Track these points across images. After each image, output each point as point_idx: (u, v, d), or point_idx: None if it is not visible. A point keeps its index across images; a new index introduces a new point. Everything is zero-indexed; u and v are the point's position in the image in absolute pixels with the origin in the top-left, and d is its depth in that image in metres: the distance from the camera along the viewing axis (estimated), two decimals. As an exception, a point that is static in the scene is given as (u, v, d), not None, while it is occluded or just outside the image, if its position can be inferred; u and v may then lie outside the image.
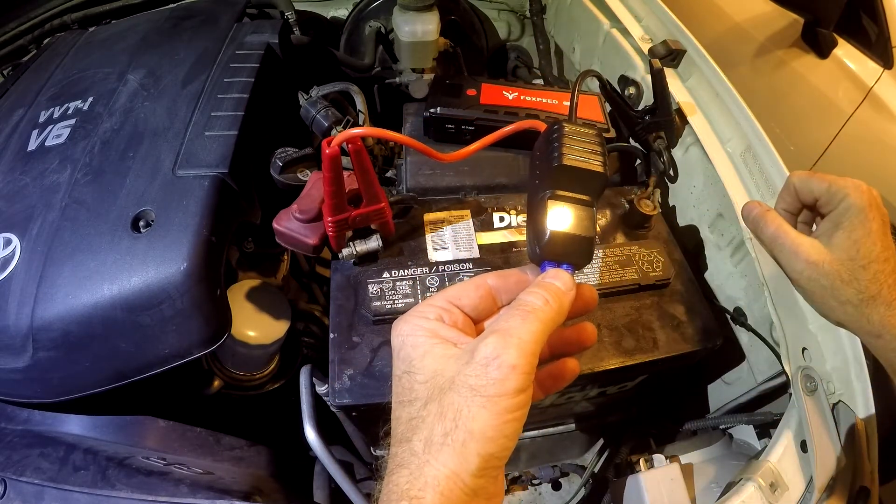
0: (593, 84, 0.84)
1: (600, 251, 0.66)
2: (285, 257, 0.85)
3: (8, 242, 0.59)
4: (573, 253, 0.36)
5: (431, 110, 0.74)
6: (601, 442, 0.94)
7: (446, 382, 0.30)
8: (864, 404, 0.55)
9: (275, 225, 0.63)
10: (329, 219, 0.57)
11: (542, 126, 0.43)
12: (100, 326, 0.55)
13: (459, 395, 0.29)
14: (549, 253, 0.36)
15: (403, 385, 0.32)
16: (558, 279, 0.34)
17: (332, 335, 0.59)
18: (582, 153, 0.37)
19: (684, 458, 0.67)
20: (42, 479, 0.55)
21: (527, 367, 0.29)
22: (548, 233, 0.36)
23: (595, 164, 0.37)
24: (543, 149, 0.39)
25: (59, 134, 0.68)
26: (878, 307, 0.41)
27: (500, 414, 0.28)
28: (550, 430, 0.85)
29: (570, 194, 0.37)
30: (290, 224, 0.62)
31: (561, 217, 0.36)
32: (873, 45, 1.50)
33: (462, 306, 0.36)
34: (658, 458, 0.65)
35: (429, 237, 0.67)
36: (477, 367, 0.29)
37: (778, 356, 0.62)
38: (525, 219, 0.70)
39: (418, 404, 0.30)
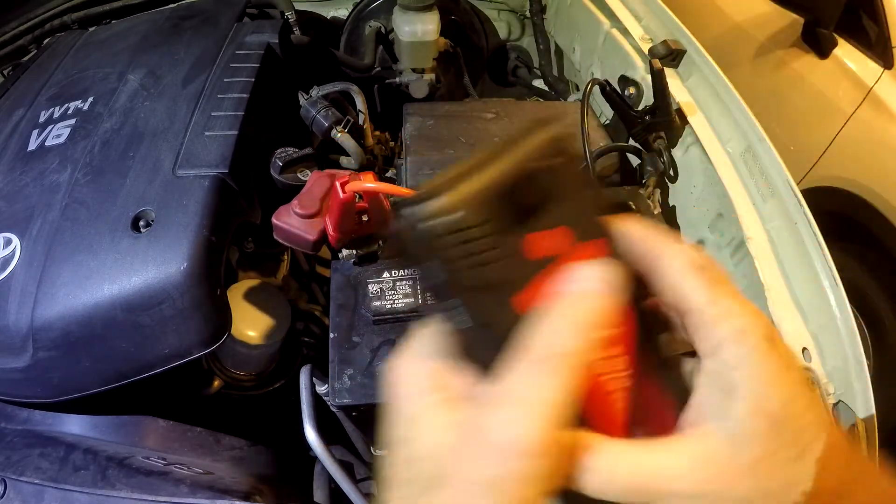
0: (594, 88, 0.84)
1: None
2: (285, 257, 0.85)
3: (8, 242, 0.59)
4: None
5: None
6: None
7: (439, 471, 0.21)
8: (864, 404, 0.55)
9: (274, 220, 0.62)
10: (333, 234, 0.59)
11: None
12: (100, 326, 0.55)
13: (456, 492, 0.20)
14: None
15: (397, 458, 0.23)
16: None
17: (332, 335, 0.59)
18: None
19: (684, 458, 0.67)
20: (42, 479, 0.55)
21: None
22: None
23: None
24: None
25: (59, 134, 0.68)
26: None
27: None
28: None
29: None
30: (289, 220, 0.62)
31: None
32: (873, 45, 1.49)
33: None
34: (658, 458, 0.64)
35: (429, 237, 0.67)
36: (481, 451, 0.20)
37: (778, 356, 0.62)
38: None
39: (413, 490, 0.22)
